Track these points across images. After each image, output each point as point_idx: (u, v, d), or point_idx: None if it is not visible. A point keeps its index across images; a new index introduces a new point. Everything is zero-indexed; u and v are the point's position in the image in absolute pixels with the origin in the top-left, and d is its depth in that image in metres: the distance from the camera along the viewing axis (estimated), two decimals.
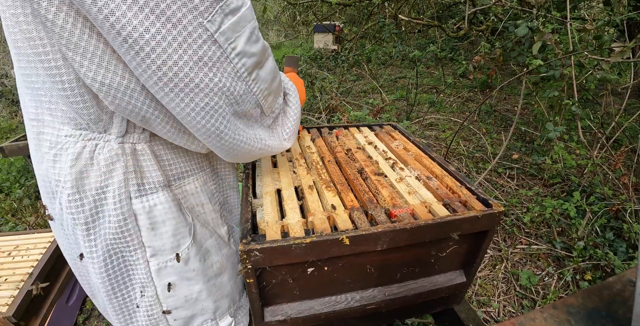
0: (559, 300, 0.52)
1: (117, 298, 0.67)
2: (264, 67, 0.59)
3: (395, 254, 0.76)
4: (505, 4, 2.66)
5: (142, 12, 0.42)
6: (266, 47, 0.58)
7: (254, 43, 0.54)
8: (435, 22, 3.99)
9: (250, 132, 0.63)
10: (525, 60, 2.23)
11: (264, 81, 0.59)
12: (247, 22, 0.52)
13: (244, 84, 0.55)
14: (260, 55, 0.56)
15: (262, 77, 0.58)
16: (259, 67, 0.57)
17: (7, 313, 1.14)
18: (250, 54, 0.54)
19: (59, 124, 0.59)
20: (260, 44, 0.56)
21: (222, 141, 0.59)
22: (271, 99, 0.65)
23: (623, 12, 2.80)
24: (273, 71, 0.62)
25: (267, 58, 0.60)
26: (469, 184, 0.85)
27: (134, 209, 0.62)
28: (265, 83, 0.60)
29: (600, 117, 2.57)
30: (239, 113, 0.59)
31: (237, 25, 0.50)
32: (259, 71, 0.58)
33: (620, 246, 1.76)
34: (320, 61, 5.31)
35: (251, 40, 0.54)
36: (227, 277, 0.80)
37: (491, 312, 1.56)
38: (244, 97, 0.57)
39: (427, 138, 3.04)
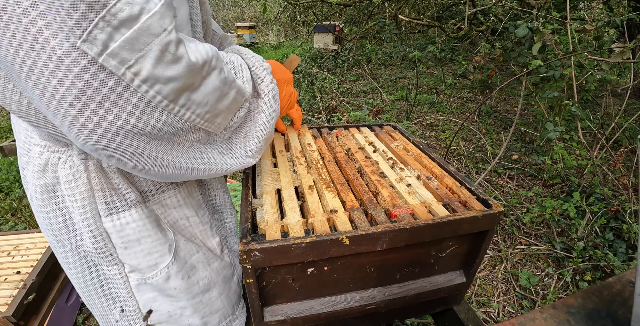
0: (558, 300, 0.52)
1: (98, 309, 0.66)
2: (201, 88, 0.47)
3: (395, 254, 0.76)
4: (505, 5, 2.66)
5: (3, 35, 0.33)
6: (200, 63, 0.45)
7: (170, 65, 0.41)
8: (436, 22, 3.99)
9: (189, 155, 0.53)
10: (525, 60, 2.23)
11: (202, 104, 0.48)
12: (154, 37, 0.38)
13: (165, 114, 0.44)
14: (185, 77, 0.43)
15: (197, 100, 0.47)
16: (190, 89, 0.45)
17: (7, 312, 1.14)
18: (165, 79, 0.41)
19: (30, 131, 0.58)
20: (182, 64, 0.42)
21: (151, 174, 0.50)
22: (220, 119, 0.53)
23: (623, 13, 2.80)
24: (220, 88, 0.50)
25: (207, 75, 0.47)
26: (468, 184, 0.85)
27: (105, 228, 0.58)
28: (205, 106, 0.48)
29: (600, 118, 2.57)
30: (167, 142, 0.48)
31: (135, 41, 0.37)
32: (191, 94, 0.46)
33: (620, 247, 1.76)
34: (320, 61, 5.31)
35: (164, 61, 0.40)
36: (217, 292, 0.76)
37: (491, 312, 1.56)
38: (169, 127, 0.46)
39: (427, 138, 3.04)
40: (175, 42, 0.41)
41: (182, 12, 0.55)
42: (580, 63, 1.98)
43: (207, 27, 0.73)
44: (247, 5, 9.74)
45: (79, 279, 0.63)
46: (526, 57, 2.23)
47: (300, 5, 6.43)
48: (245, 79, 0.59)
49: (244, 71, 0.60)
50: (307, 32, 7.59)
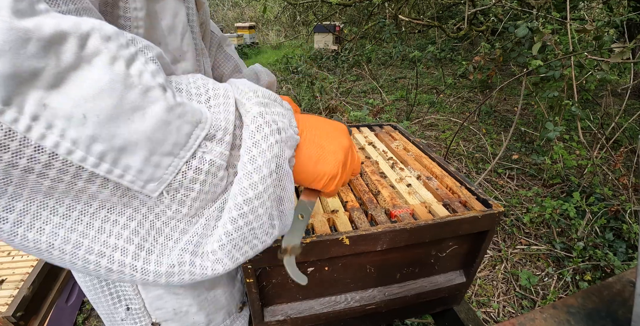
0: (558, 300, 0.52)
1: (103, 308, 0.66)
2: (67, 84, 0.28)
3: (395, 254, 0.76)
4: (505, 5, 2.66)
5: None
6: (52, 33, 0.27)
7: None
8: (436, 22, 4.00)
9: (78, 230, 0.33)
10: (525, 60, 2.23)
11: (76, 118, 0.28)
12: None
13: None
14: (14, 53, 0.26)
15: (63, 109, 0.28)
16: (40, 83, 0.27)
17: (7, 312, 1.14)
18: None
19: None
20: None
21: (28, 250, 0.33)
22: (139, 162, 0.32)
23: (623, 13, 2.81)
24: (116, 92, 0.30)
25: (82, 62, 0.29)
26: (468, 184, 0.85)
27: None
28: (85, 123, 0.29)
29: (600, 118, 2.57)
30: (26, 188, 0.30)
31: None
32: (47, 93, 0.27)
33: (620, 247, 1.76)
34: (320, 61, 5.31)
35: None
36: (222, 290, 0.76)
37: (491, 312, 1.56)
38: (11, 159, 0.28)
39: (427, 138, 3.04)
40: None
41: (181, 13, 0.54)
42: (580, 63, 1.98)
43: (206, 28, 0.73)
44: (247, 5, 9.74)
45: (85, 277, 0.63)
46: (526, 57, 2.23)
47: (300, 5, 6.43)
48: (221, 109, 0.38)
49: (221, 98, 0.39)
50: (307, 32, 7.59)
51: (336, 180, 0.48)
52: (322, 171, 0.47)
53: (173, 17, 0.52)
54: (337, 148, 0.48)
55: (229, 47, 0.97)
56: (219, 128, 0.37)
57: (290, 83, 3.92)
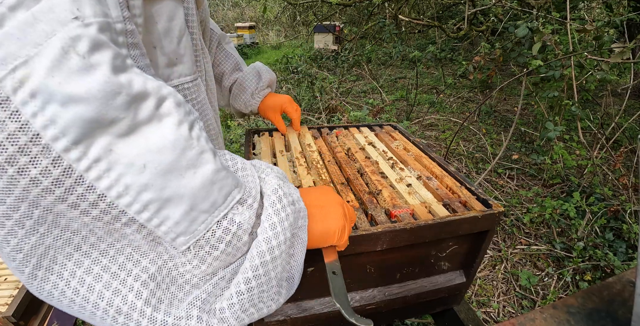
0: (558, 300, 0.52)
1: None
2: (135, 135, 0.31)
3: (395, 254, 0.76)
4: (505, 5, 2.66)
5: None
6: (137, 91, 0.31)
7: (75, 73, 0.28)
8: (436, 22, 4.00)
9: (97, 267, 0.34)
10: (525, 60, 2.23)
11: (137, 168, 0.31)
12: (58, 25, 0.28)
13: (59, 167, 0.28)
14: (101, 102, 0.29)
15: (127, 158, 0.30)
16: (114, 131, 0.30)
17: (7, 312, 1.14)
18: (65, 96, 0.28)
19: None
20: (97, 77, 0.29)
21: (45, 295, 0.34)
22: (174, 217, 0.33)
23: (623, 13, 2.80)
24: (178, 150, 0.33)
25: (154, 117, 0.32)
26: (468, 184, 0.85)
27: None
28: (143, 173, 0.31)
29: (600, 118, 2.57)
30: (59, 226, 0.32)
31: (29, 28, 0.27)
32: (116, 141, 0.30)
33: (620, 247, 1.76)
34: (320, 61, 5.31)
35: (66, 65, 0.28)
36: None
37: (491, 312, 1.56)
38: (64, 196, 0.29)
39: (427, 138, 3.04)
40: (92, 42, 0.29)
41: (179, 15, 0.53)
42: (580, 63, 1.98)
43: (205, 26, 0.73)
44: (247, 5, 9.74)
45: None
46: (526, 57, 2.23)
47: (300, 5, 6.43)
48: (250, 179, 0.42)
49: (248, 170, 0.43)
50: (307, 32, 7.59)
51: (345, 231, 0.53)
52: (331, 227, 0.51)
53: (169, 20, 0.51)
54: (334, 204, 0.53)
55: (228, 45, 0.97)
56: (250, 194, 0.40)
57: (290, 83, 3.92)
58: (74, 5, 0.29)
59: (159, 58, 0.53)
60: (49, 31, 0.27)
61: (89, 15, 0.29)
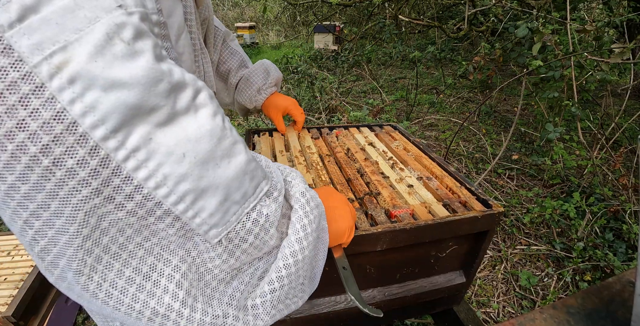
0: (558, 301, 0.52)
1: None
2: (174, 124, 0.31)
3: (395, 254, 0.76)
4: (505, 5, 2.66)
5: None
6: (177, 80, 0.31)
7: (118, 59, 0.28)
8: (436, 22, 4.00)
9: (134, 264, 0.33)
10: (525, 61, 2.23)
11: (177, 157, 0.31)
12: (102, 11, 0.28)
13: (97, 157, 0.28)
14: (144, 89, 0.29)
15: (167, 147, 0.30)
16: (155, 119, 0.30)
17: (7, 312, 1.14)
18: (107, 81, 0.27)
19: None
20: (140, 63, 0.29)
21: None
22: (212, 206, 0.33)
23: (623, 13, 2.81)
24: (215, 138, 0.33)
25: (191, 107, 0.33)
26: (468, 184, 0.85)
27: None
28: (182, 163, 0.31)
29: (600, 118, 2.57)
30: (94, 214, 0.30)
31: (70, 14, 0.26)
32: (157, 129, 0.30)
33: (620, 247, 1.76)
34: (320, 61, 5.31)
35: (109, 51, 0.27)
36: None
37: (491, 313, 1.56)
38: (104, 182, 0.28)
39: (427, 139, 3.04)
40: (136, 30, 0.29)
41: (177, 13, 0.52)
42: (580, 63, 1.98)
43: (209, 24, 0.72)
44: (247, 5, 9.74)
45: None
46: (526, 58, 2.23)
47: (300, 5, 6.43)
48: (275, 174, 0.43)
49: (273, 167, 0.44)
50: (307, 32, 7.59)
51: (352, 230, 0.57)
52: (343, 227, 0.54)
53: (167, 16, 0.49)
54: (342, 204, 0.56)
55: (232, 42, 0.97)
56: (276, 187, 0.41)
57: (290, 83, 3.92)
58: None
59: None
60: (92, 17, 0.27)
61: (131, 5, 0.29)
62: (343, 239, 0.55)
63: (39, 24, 0.25)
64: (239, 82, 1.00)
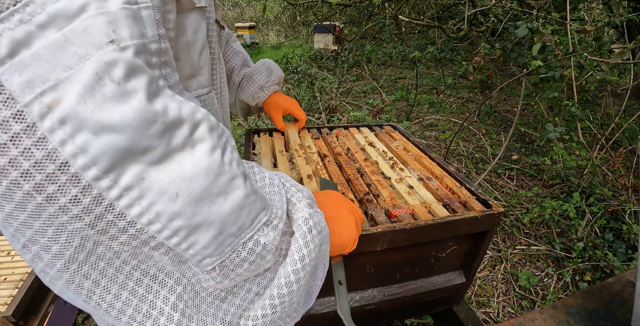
0: (558, 301, 0.52)
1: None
2: (171, 162, 0.30)
3: (395, 254, 0.76)
4: (505, 5, 2.66)
5: None
6: (173, 119, 0.30)
7: (108, 101, 0.27)
8: (435, 22, 4.00)
9: (127, 286, 0.34)
10: (525, 61, 2.23)
11: (170, 196, 0.30)
12: (92, 48, 0.26)
13: (88, 196, 0.28)
14: (136, 132, 0.28)
15: (159, 186, 0.30)
16: (146, 159, 0.29)
17: (7, 312, 1.14)
18: (97, 125, 0.26)
19: None
20: (132, 105, 0.28)
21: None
22: (206, 239, 0.33)
23: (623, 13, 2.81)
24: (213, 176, 0.32)
25: (188, 143, 0.32)
26: (468, 184, 0.85)
27: None
28: (176, 202, 0.30)
29: (599, 118, 2.57)
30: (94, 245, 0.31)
31: (61, 50, 0.25)
32: (149, 169, 0.29)
33: (620, 247, 1.76)
34: (320, 61, 5.31)
35: (99, 92, 0.26)
36: None
37: (490, 313, 1.56)
38: (94, 222, 0.29)
39: (427, 139, 3.04)
40: (128, 68, 0.27)
41: (202, 29, 0.52)
42: (580, 63, 1.98)
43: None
44: (247, 5, 9.74)
45: None
46: (526, 58, 2.23)
47: (300, 5, 6.43)
48: (277, 198, 0.42)
49: (276, 187, 0.43)
50: (307, 32, 7.59)
51: (356, 241, 0.55)
52: (346, 240, 0.53)
53: (194, 32, 0.52)
54: (347, 214, 0.54)
55: (235, 42, 0.99)
56: (276, 216, 0.40)
57: (290, 83, 3.92)
58: (110, 27, 0.27)
59: (181, 70, 0.53)
60: (82, 54, 0.26)
61: (125, 38, 0.28)
62: (345, 251, 0.55)
63: (30, 60, 0.24)
64: (241, 81, 1.01)
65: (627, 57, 2.31)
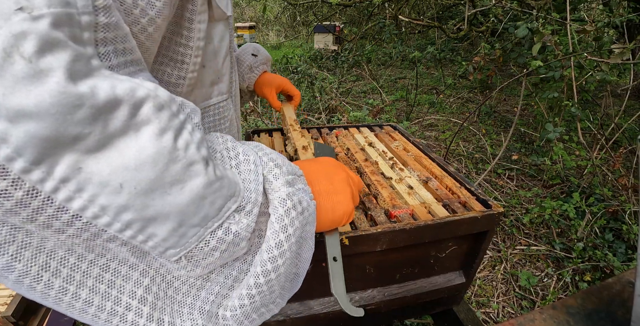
0: (558, 301, 0.52)
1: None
2: (110, 150, 0.27)
3: (394, 254, 0.76)
4: (505, 5, 2.66)
5: None
6: (104, 100, 0.26)
7: (21, 81, 0.24)
8: (435, 23, 4.00)
9: (97, 281, 0.32)
10: (525, 61, 2.23)
11: (112, 188, 0.27)
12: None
13: (22, 191, 0.25)
14: (57, 118, 0.24)
15: (100, 177, 0.26)
16: (80, 148, 0.26)
17: (6, 312, 1.14)
18: (10, 111, 0.23)
19: None
20: (49, 86, 0.24)
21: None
22: (165, 231, 0.30)
23: (623, 14, 2.81)
24: (164, 160, 0.29)
25: (129, 128, 0.27)
26: (468, 184, 0.85)
27: None
28: (120, 194, 0.27)
29: (599, 119, 2.57)
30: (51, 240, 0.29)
31: None
32: (85, 158, 0.26)
33: (620, 247, 1.76)
34: (320, 61, 5.31)
35: (8, 71, 0.23)
36: None
37: (490, 313, 1.56)
38: (44, 220, 0.26)
39: (427, 139, 3.04)
40: (42, 41, 0.23)
41: (226, 37, 0.52)
42: (580, 64, 1.98)
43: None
44: (247, 6, 9.74)
45: None
46: (526, 58, 2.23)
47: (300, 5, 6.43)
48: (252, 178, 0.37)
49: (252, 165, 0.38)
50: (307, 32, 7.59)
51: (352, 214, 0.50)
52: (340, 214, 0.48)
53: (220, 41, 0.52)
54: (342, 185, 0.48)
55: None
56: (249, 200, 0.36)
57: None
58: None
59: (206, 77, 0.54)
60: None
61: (39, 6, 0.23)
62: (340, 224, 0.50)
63: None
64: None
65: (627, 57, 2.31)
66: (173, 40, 0.45)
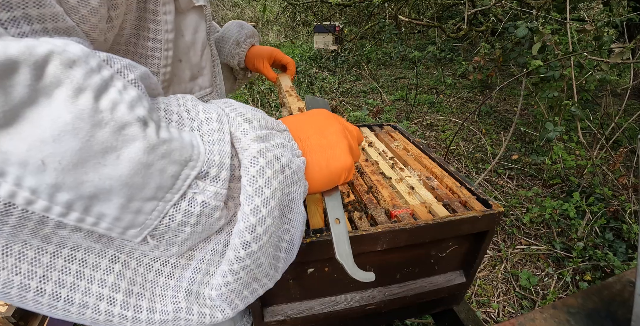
0: (558, 301, 0.52)
1: None
2: (17, 122, 0.23)
3: (395, 254, 0.76)
4: (505, 5, 2.66)
5: None
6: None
7: None
8: (435, 22, 4.00)
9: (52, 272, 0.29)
10: (525, 61, 2.23)
11: (23, 161, 0.23)
12: None
13: None
14: None
15: (13, 154, 0.23)
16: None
17: (7, 312, 1.14)
18: None
19: None
20: None
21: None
22: (113, 207, 0.27)
23: (623, 13, 2.81)
24: (87, 130, 0.24)
25: (36, 94, 0.24)
26: (468, 184, 0.85)
27: None
28: (41, 171, 0.24)
29: (599, 118, 2.57)
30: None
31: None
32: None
33: (620, 247, 1.76)
34: (320, 61, 5.31)
35: None
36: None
37: (491, 312, 1.56)
38: None
39: (427, 139, 3.04)
40: None
41: (201, 29, 0.51)
42: (580, 63, 1.98)
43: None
44: (247, 6, 9.74)
45: None
46: (526, 58, 2.23)
47: (300, 5, 6.43)
48: (216, 138, 0.32)
49: (215, 123, 0.33)
50: (307, 32, 7.59)
51: (352, 170, 0.44)
52: (336, 170, 0.42)
53: (194, 33, 0.51)
54: (336, 138, 0.43)
55: (216, 32, 0.95)
56: (213, 164, 0.31)
57: None
58: None
59: (184, 71, 0.52)
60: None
61: None
62: (339, 182, 0.44)
63: None
64: (216, 45, 0.95)
65: (627, 56, 2.31)
66: (141, 36, 0.44)
